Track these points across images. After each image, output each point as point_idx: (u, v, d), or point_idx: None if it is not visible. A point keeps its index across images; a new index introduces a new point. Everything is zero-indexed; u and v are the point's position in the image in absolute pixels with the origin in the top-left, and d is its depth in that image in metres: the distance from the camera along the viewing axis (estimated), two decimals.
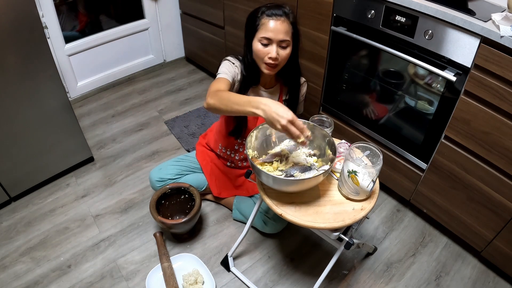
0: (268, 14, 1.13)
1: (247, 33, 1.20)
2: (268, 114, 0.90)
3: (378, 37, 1.34)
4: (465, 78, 1.15)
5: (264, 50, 1.15)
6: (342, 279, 1.38)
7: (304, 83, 1.41)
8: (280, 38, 1.13)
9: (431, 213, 1.52)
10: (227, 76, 1.18)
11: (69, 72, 2.29)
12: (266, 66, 1.18)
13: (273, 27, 1.12)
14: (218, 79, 1.17)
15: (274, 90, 1.35)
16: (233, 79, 1.22)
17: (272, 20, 1.12)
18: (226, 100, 1.02)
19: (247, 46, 1.22)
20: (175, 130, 2.14)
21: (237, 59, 1.27)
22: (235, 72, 1.23)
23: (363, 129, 1.62)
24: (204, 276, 1.34)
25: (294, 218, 0.96)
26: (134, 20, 2.50)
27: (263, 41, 1.14)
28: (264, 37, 1.13)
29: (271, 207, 0.99)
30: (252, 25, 1.16)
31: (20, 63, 1.39)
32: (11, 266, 1.40)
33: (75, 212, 1.63)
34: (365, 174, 0.92)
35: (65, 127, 1.69)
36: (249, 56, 1.22)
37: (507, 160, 1.15)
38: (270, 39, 1.13)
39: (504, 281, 1.39)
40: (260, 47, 1.15)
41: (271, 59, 1.15)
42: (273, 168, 1.05)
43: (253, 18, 1.16)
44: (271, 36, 1.13)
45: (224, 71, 1.20)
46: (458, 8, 1.12)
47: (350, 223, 0.95)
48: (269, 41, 1.14)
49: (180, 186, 1.48)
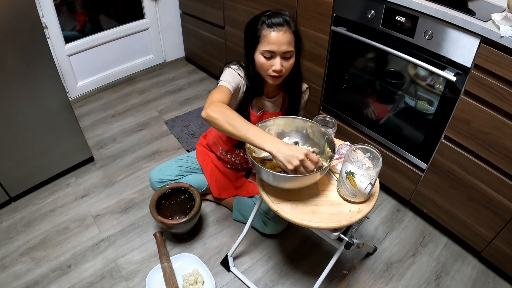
0: (268, 24, 1.07)
1: (248, 45, 1.14)
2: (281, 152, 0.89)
3: (378, 37, 1.34)
4: (465, 78, 1.15)
5: (268, 63, 1.10)
6: (342, 279, 1.39)
7: (307, 89, 1.36)
8: (284, 50, 1.08)
9: (431, 213, 1.52)
10: (229, 86, 1.12)
11: (69, 72, 2.29)
12: (271, 78, 1.14)
13: (275, 40, 1.06)
14: (219, 88, 1.10)
15: (277, 98, 1.32)
16: (236, 89, 1.16)
17: (273, 31, 1.06)
18: (232, 120, 0.96)
19: (248, 57, 1.16)
20: (175, 130, 2.14)
21: (241, 67, 1.21)
22: (239, 82, 1.18)
23: (363, 129, 1.62)
24: (204, 276, 1.34)
25: (290, 216, 0.96)
26: (134, 20, 2.50)
27: (266, 54, 1.09)
28: (267, 50, 1.08)
29: (268, 204, 0.99)
30: (252, 37, 1.10)
31: (20, 63, 1.39)
32: (11, 266, 1.40)
33: (75, 212, 1.63)
34: (362, 176, 0.91)
35: (65, 127, 1.69)
36: (251, 68, 1.17)
37: (507, 160, 1.15)
38: (273, 52, 1.09)
39: (504, 281, 1.39)
40: (263, 60, 1.10)
41: (275, 71, 1.11)
42: (273, 165, 1.05)
43: (253, 29, 1.10)
44: (274, 49, 1.07)
45: (228, 80, 1.14)
46: (458, 8, 1.12)
47: (345, 225, 0.94)
48: (272, 54, 1.09)
49: (180, 186, 1.48)
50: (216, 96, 1.05)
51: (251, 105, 1.29)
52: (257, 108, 1.32)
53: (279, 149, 0.90)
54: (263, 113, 1.32)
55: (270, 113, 1.32)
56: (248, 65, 1.18)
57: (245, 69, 1.21)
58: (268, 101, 1.31)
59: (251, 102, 1.27)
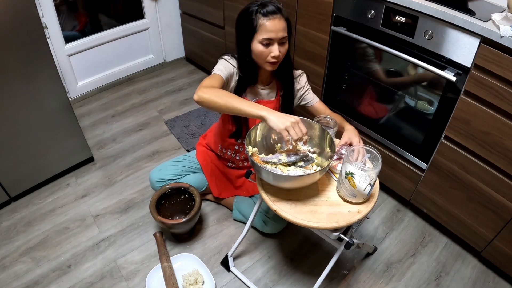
0: (264, 13, 1.11)
1: (243, 35, 1.18)
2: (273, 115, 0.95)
3: (378, 37, 1.34)
4: (465, 78, 1.15)
5: (266, 50, 1.15)
6: (342, 279, 1.39)
7: (302, 73, 1.38)
8: (281, 36, 1.14)
9: (431, 213, 1.52)
10: (221, 73, 1.17)
11: (69, 72, 2.29)
12: (269, 65, 1.19)
13: (272, 27, 1.12)
14: (212, 75, 1.16)
15: (271, 86, 1.35)
16: (228, 77, 1.21)
17: (270, 20, 1.11)
18: (224, 94, 1.03)
19: (243, 47, 1.19)
20: (175, 130, 2.14)
21: (233, 58, 1.25)
22: (231, 70, 1.22)
23: (363, 129, 1.62)
24: (204, 276, 1.34)
25: (288, 215, 0.96)
26: (134, 20, 2.50)
27: (265, 42, 1.14)
28: (266, 38, 1.13)
29: (267, 203, 1.00)
30: (248, 26, 1.14)
31: (20, 63, 1.39)
32: (11, 266, 1.40)
33: (75, 212, 1.63)
34: (362, 177, 0.91)
35: (65, 127, 1.69)
36: (247, 57, 1.20)
37: (507, 160, 1.15)
38: (271, 39, 1.13)
39: (504, 281, 1.39)
40: (262, 48, 1.15)
41: (274, 57, 1.15)
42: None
43: (247, 19, 1.14)
44: (273, 36, 1.12)
45: (220, 68, 1.19)
46: (458, 8, 1.12)
47: (344, 225, 0.95)
48: (270, 41, 1.14)
49: (180, 186, 1.48)
50: (206, 81, 1.10)
51: (245, 93, 1.31)
52: (252, 96, 1.33)
53: (273, 113, 0.97)
54: (257, 101, 1.33)
55: (265, 101, 1.33)
56: (243, 55, 1.21)
57: (238, 60, 1.24)
58: (263, 89, 1.33)
59: (245, 91, 1.29)
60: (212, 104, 1.02)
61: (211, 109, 1.04)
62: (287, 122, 0.94)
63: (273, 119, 0.95)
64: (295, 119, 0.95)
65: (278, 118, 0.95)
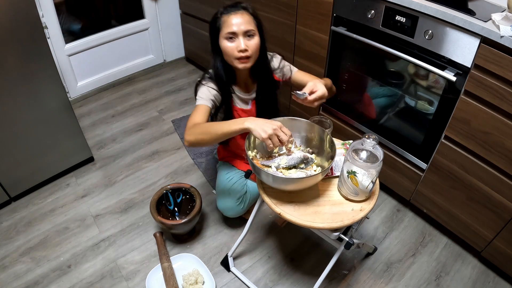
0: (226, 12, 1.15)
1: (212, 38, 1.22)
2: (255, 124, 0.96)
3: (378, 37, 1.34)
4: (465, 78, 1.15)
5: (232, 45, 1.15)
6: (342, 279, 1.39)
7: (273, 55, 1.34)
8: (244, 29, 1.13)
9: (431, 213, 1.52)
10: (204, 102, 1.18)
11: (69, 72, 2.29)
12: (239, 61, 1.17)
13: (234, 21, 1.13)
14: (196, 108, 1.17)
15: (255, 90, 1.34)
16: (213, 99, 1.21)
17: (230, 15, 1.14)
18: (206, 129, 1.05)
19: (215, 50, 1.22)
20: (180, 129, 2.13)
21: (209, 80, 1.25)
22: (213, 92, 1.22)
23: (363, 129, 1.62)
24: (204, 276, 1.34)
25: (293, 217, 0.96)
26: (134, 20, 2.50)
27: (228, 36, 1.15)
28: (228, 32, 1.14)
29: (270, 206, 0.99)
30: (214, 28, 1.18)
31: (20, 63, 1.39)
32: (11, 266, 1.40)
33: (75, 212, 1.63)
34: (364, 175, 0.92)
35: (65, 127, 1.69)
36: (219, 59, 1.22)
37: (507, 160, 1.15)
38: (234, 33, 1.14)
39: (504, 281, 1.39)
40: (228, 44, 1.16)
41: (241, 51, 1.15)
42: None
43: (213, 22, 1.19)
44: (235, 30, 1.13)
45: (201, 96, 1.20)
46: (458, 8, 1.12)
47: (348, 224, 0.95)
48: (234, 35, 1.14)
49: (181, 187, 1.48)
50: (192, 120, 1.12)
51: (237, 103, 1.31)
52: (244, 104, 1.33)
53: (255, 122, 0.97)
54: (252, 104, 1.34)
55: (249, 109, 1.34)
56: (215, 59, 1.23)
57: (213, 66, 1.25)
58: (249, 96, 1.33)
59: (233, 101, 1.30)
60: (202, 142, 1.06)
61: (204, 146, 1.06)
62: (269, 130, 0.94)
63: (255, 129, 0.95)
64: (277, 125, 0.96)
65: (260, 126, 0.95)
